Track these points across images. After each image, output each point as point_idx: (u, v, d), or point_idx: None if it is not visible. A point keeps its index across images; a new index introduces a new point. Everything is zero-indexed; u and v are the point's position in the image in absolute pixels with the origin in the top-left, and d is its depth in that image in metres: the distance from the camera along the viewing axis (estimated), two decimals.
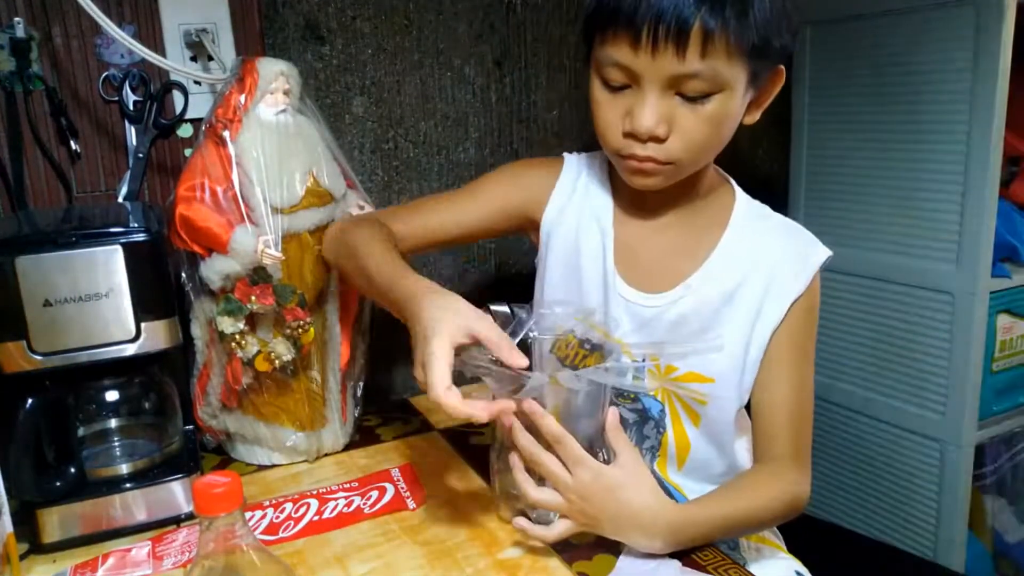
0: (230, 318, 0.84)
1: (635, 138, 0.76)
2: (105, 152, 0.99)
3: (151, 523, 0.79)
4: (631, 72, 0.74)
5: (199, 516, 0.48)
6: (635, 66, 0.73)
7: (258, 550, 0.50)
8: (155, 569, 0.72)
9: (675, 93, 0.74)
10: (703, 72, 0.72)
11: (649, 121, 0.74)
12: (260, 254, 0.82)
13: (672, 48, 0.70)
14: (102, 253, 0.74)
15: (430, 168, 1.20)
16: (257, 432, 0.91)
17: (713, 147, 0.79)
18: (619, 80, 0.75)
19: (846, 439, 1.47)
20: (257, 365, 0.85)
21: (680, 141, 0.75)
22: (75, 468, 0.77)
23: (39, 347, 0.73)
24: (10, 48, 0.91)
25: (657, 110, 0.74)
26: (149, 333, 0.77)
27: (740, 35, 0.71)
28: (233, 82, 0.85)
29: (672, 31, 0.70)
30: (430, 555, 0.74)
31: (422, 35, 1.15)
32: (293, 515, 0.81)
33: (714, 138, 0.77)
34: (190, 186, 0.84)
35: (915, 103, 1.27)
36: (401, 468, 0.90)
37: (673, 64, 0.71)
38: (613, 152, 0.79)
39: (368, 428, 1.02)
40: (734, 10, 0.70)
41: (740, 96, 0.75)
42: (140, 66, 0.97)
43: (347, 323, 0.95)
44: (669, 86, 0.73)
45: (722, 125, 0.76)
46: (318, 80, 1.10)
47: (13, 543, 0.68)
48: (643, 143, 0.76)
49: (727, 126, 0.77)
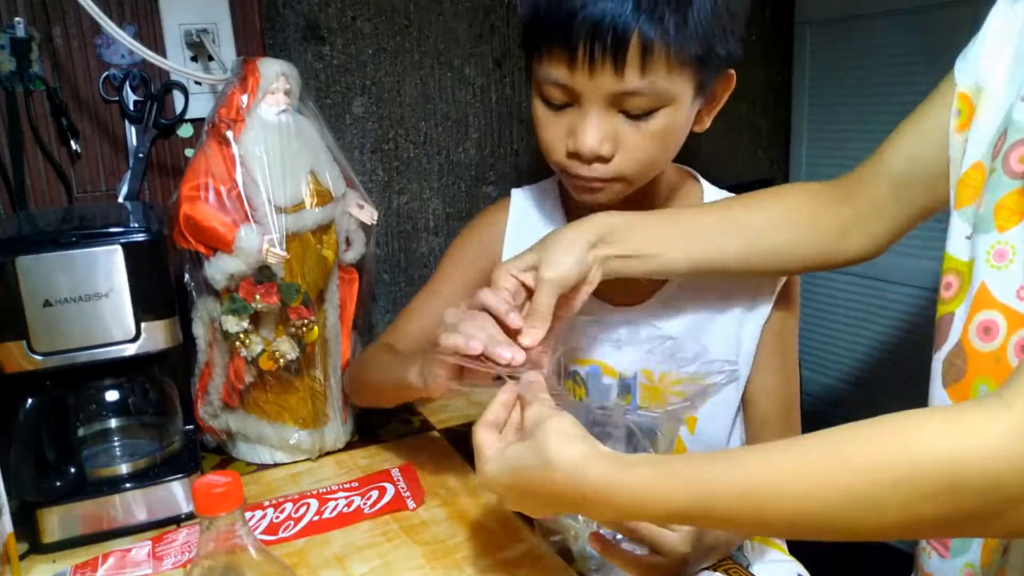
0: (234, 317, 0.84)
1: (579, 158, 0.73)
2: (105, 152, 0.99)
3: (151, 523, 0.79)
4: (571, 90, 0.71)
5: (199, 516, 0.48)
6: (574, 84, 0.70)
7: (258, 550, 0.50)
8: (155, 569, 0.72)
9: (618, 110, 0.71)
10: (644, 89, 0.69)
11: (592, 141, 0.71)
12: (265, 253, 0.82)
13: (610, 66, 0.68)
14: (102, 253, 0.74)
15: (430, 168, 1.20)
16: (260, 431, 0.91)
17: (661, 161, 0.77)
18: (559, 98, 0.73)
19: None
20: (261, 364, 0.86)
21: (625, 159, 0.73)
22: (75, 468, 0.77)
23: (39, 347, 0.73)
24: (10, 48, 0.91)
25: (600, 129, 0.71)
26: (149, 333, 0.77)
27: (681, 47, 0.68)
28: (235, 82, 0.85)
29: (609, 48, 0.67)
30: (430, 555, 0.74)
31: (422, 35, 1.15)
32: (293, 515, 0.81)
33: (661, 153, 0.75)
34: (194, 186, 0.84)
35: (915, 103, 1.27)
36: (401, 468, 0.90)
37: (612, 82, 0.69)
38: (558, 170, 0.78)
39: (368, 428, 1.02)
40: (673, 21, 0.67)
41: (687, 108, 0.73)
42: (140, 66, 0.98)
43: (347, 322, 0.95)
44: (611, 104, 0.71)
45: (669, 139, 0.74)
46: (318, 80, 1.10)
47: (13, 543, 0.68)
48: (588, 164, 0.73)
49: (675, 139, 0.75)
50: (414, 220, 1.21)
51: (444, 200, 1.22)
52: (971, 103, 0.63)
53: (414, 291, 1.20)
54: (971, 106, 0.63)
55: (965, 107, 0.64)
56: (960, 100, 0.64)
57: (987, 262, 0.57)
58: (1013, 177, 0.56)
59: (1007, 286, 0.55)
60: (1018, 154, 0.56)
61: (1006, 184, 0.56)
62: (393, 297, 1.22)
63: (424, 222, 1.22)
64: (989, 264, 0.57)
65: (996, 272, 0.56)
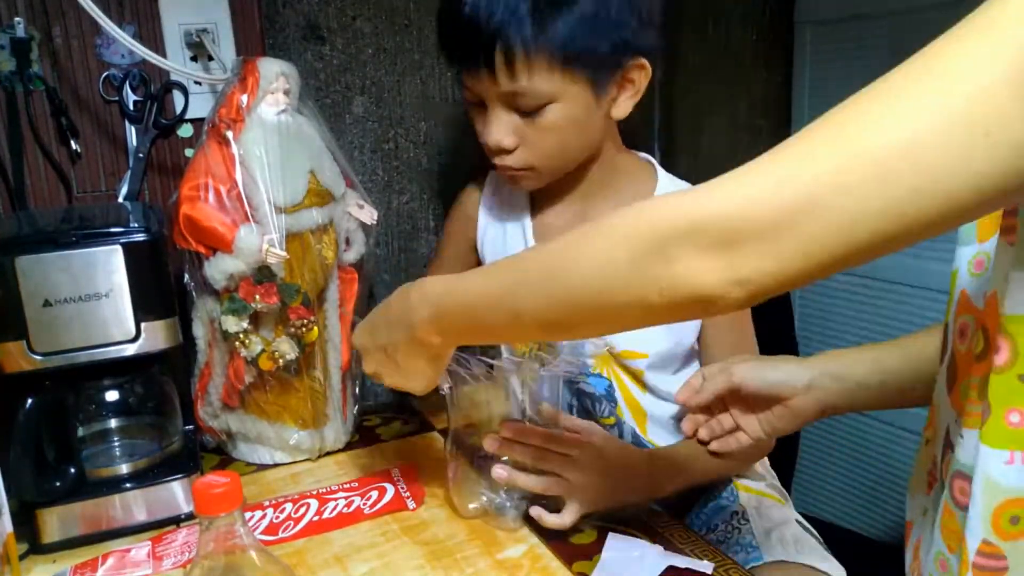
0: (234, 317, 0.84)
1: (491, 151, 0.83)
2: (105, 152, 0.99)
3: (151, 523, 0.79)
4: (474, 92, 0.81)
5: (199, 516, 0.48)
6: (475, 88, 0.80)
7: (258, 550, 0.50)
8: (155, 569, 0.72)
9: (513, 109, 0.79)
10: (523, 89, 0.76)
11: (493, 137, 0.80)
12: (264, 253, 0.82)
13: (485, 71, 0.76)
14: (102, 253, 0.74)
15: (430, 168, 1.20)
16: (260, 431, 0.91)
17: (569, 149, 0.83)
18: (472, 98, 0.82)
19: (845, 438, 1.47)
20: (261, 364, 0.86)
21: (528, 151, 0.81)
22: (75, 468, 0.77)
23: (39, 347, 0.73)
24: (10, 48, 0.91)
25: (501, 125, 0.80)
26: (149, 333, 0.77)
27: (547, 49, 0.74)
28: (235, 82, 0.85)
29: (482, 55, 0.75)
30: (430, 555, 0.74)
31: (422, 35, 1.15)
32: (293, 515, 0.81)
33: (564, 143, 0.82)
34: (194, 186, 0.84)
35: None
36: (401, 468, 0.90)
37: (493, 85, 0.77)
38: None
39: (368, 428, 1.02)
40: (533, 30, 0.73)
41: (582, 101, 0.79)
42: (140, 66, 0.97)
43: (347, 322, 0.95)
44: (506, 103, 0.79)
45: (568, 131, 0.80)
46: (318, 80, 1.10)
47: (13, 543, 0.68)
48: (498, 156, 0.82)
49: (575, 130, 0.81)
50: (414, 220, 1.21)
51: (444, 200, 1.22)
52: None
53: None
54: None
55: None
56: None
57: (968, 271, 0.59)
58: None
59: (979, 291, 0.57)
60: None
61: None
62: None
63: (424, 222, 1.22)
64: (970, 273, 0.59)
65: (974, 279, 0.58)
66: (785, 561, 0.83)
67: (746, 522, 0.87)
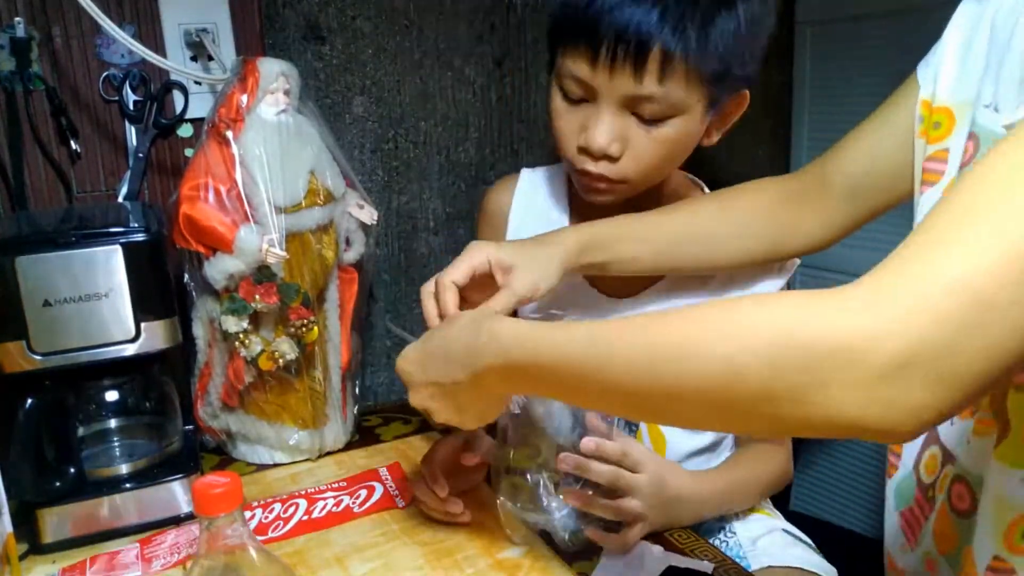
0: (234, 317, 0.84)
1: (588, 154, 0.76)
2: (105, 152, 0.99)
3: (151, 523, 0.79)
4: (588, 87, 0.74)
5: (199, 516, 0.48)
6: (592, 82, 0.73)
7: (258, 550, 0.50)
8: (144, 571, 0.72)
9: (631, 112, 0.74)
10: (659, 96, 0.71)
11: (602, 140, 0.74)
12: (264, 253, 0.82)
13: (629, 69, 0.70)
14: (102, 253, 0.74)
15: (430, 168, 1.20)
16: (260, 431, 0.91)
17: (666, 167, 0.80)
18: (577, 93, 0.75)
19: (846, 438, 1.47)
20: (261, 364, 0.85)
21: (632, 161, 0.76)
22: (75, 468, 0.77)
23: (39, 347, 0.73)
24: (10, 48, 0.91)
25: (611, 128, 0.74)
26: (149, 333, 0.77)
27: (700, 61, 0.70)
28: (235, 82, 0.85)
29: (631, 52, 0.69)
30: (430, 555, 0.74)
31: (422, 35, 1.15)
32: (282, 515, 0.81)
33: (667, 159, 0.78)
34: (193, 186, 0.84)
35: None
36: (389, 467, 0.90)
37: (629, 85, 0.71)
38: (568, 163, 0.80)
39: (368, 428, 1.02)
40: (696, 36, 0.69)
41: (698, 120, 0.76)
42: (140, 66, 0.97)
43: (347, 322, 0.95)
44: (625, 105, 0.73)
45: (676, 148, 0.77)
46: (318, 80, 1.10)
47: (13, 543, 0.68)
48: (595, 160, 0.76)
49: (681, 148, 0.78)
50: (414, 220, 1.21)
51: (444, 200, 1.22)
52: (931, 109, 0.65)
53: (414, 291, 1.20)
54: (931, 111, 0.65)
55: (927, 113, 0.66)
56: (922, 106, 0.66)
57: None
58: None
59: None
60: None
61: None
62: (393, 297, 1.21)
63: (424, 222, 1.21)
64: None
65: None
66: (773, 567, 0.82)
67: (732, 534, 0.87)
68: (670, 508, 0.75)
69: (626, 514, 0.71)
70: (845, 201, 0.75)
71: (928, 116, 0.65)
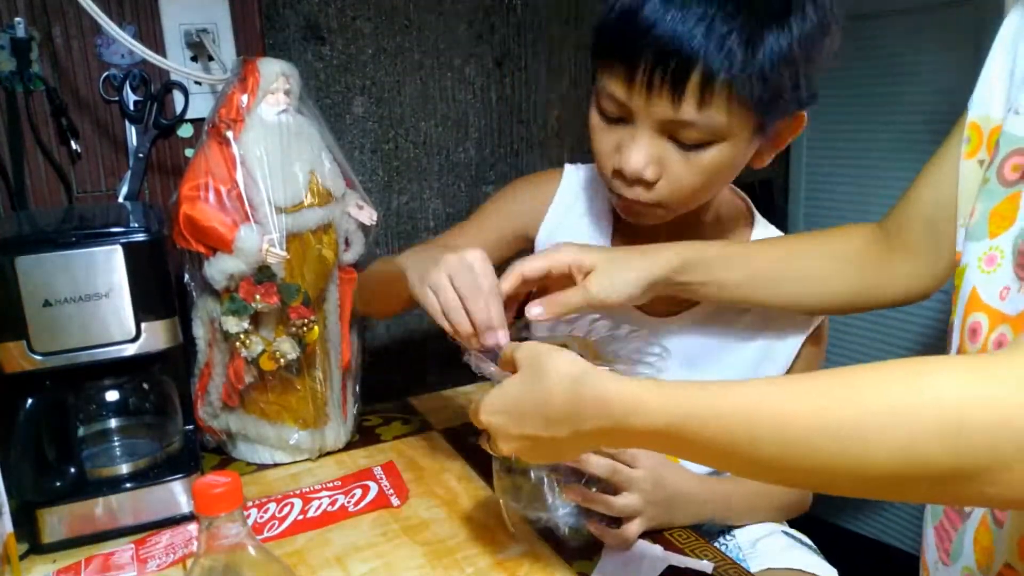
0: (235, 317, 0.84)
1: (622, 178, 0.73)
2: (105, 152, 0.99)
3: (151, 523, 0.79)
4: (625, 108, 0.70)
5: (199, 516, 0.48)
6: (629, 103, 0.69)
7: (258, 550, 0.50)
8: (139, 572, 0.72)
9: (669, 137, 0.70)
10: (700, 122, 0.67)
11: (637, 164, 0.70)
12: (264, 253, 0.82)
13: (668, 94, 0.66)
14: (102, 253, 0.74)
15: (430, 168, 1.20)
16: (260, 431, 0.91)
17: (705, 193, 0.76)
18: (614, 112, 0.72)
19: None
20: (262, 364, 0.86)
21: (668, 187, 0.72)
22: (75, 468, 0.77)
23: (39, 347, 0.73)
24: (10, 48, 0.91)
25: (647, 152, 0.70)
26: (149, 333, 0.77)
27: (744, 85, 0.65)
28: (235, 82, 0.85)
29: (670, 76, 0.65)
30: (430, 555, 0.74)
31: (422, 35, 1.15)
32: (277, 515, 0.81)
33: (707, 186, 0.73)
34: (194, 186, 0.84)
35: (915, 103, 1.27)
36: (384, 466, 0.90)
37: (668, 110, 0.67)
38: (605, 181, 0.77)
39: (368, 428, 1.02)
40: (740, 57, 0.64)
41: (743, 146, 0.71)
42: (140, 66, 0.98)
43: (347, 322, 0.95)
44: (663, 130, 0.69)
45: (717, 175, 0.73)
46: (318, 80, 1.10)
47: (13, 543, 0.68)
48: (629, 185, 0.73)
49: (723, 176, 0.74)
50: (414, 220, 1.21)
51: (444, 200, 1.22)
52: (980, 130, 0.64)
53: None
54: (980, 133, 0.64)
55: (974, 135, 0.64)
56: (970, 128, 0.65)
57: (978, 267, 0.58)
58: (1006, 185, 0.57)
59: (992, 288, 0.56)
60: (1012, 163, 0.57)
61: (999, 192, 0.58)
62: None
63: (424, 222, 1.22)
64: (980, 269, 0.58)
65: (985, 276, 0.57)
66: (772, 568, 0.82)
67: (732, 536, 0.87)
68: (669, 505, 0.75)
69: (623, 508, 0.72)
70: (926, 236, 0.70)
71: (974, 137, 0.64)
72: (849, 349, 1.48)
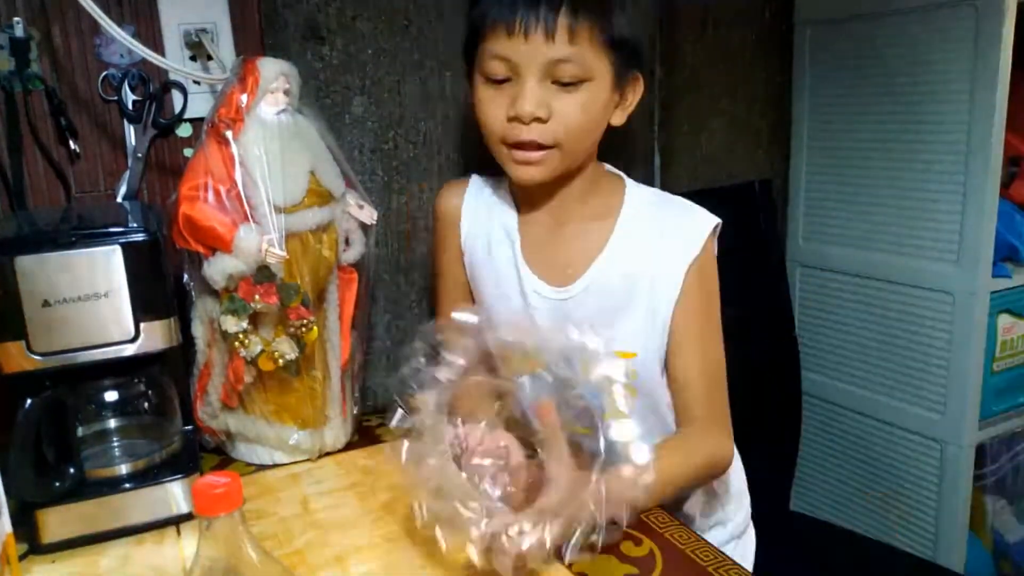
0: (234, 317, 0.84)
1: (519, 121, 0.83)
2: (104, 152, 0.99)
3: (150, 524, 0.79)
4: (510, 63, 0.83)
5: (199, 516, 0.48)
6: (513, 55, 0.82)
7: (258, 550, 0.50)
8: None
9: (551, 81, 0.82)
10: (572, 56, 0.81)
11: (531, 104, 0.82)
12: (264, 253, 0.82)
13: (542, 33, 0.80)
14: (101, 253, 0.74)
15: (430, 168, 1.20)
16: (259, 431, 0.91)
17: (587, 133, 0.87)
18: (501, 72, 0.84)
19: (846, 439, 1.47)
20: (261, 364, 0.85)
21: (559, 124, 0.83)
22: (75, 468, 0.77)
23: (38, 347, 0.73)
24: (10, 48, 0.91)
25: (537, 94, 0.82)
26: (148, 333, 0.77)
27: (603, 27, 0.81)
28: (235, 82, 0.85)
29: (543, 18, 0.80)
30: (430, 555, 0.74)
31: (422, 35, 1.15)
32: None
33: (587, 123, 0.86)
34: (193, 185, 0.84)
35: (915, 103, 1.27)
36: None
37: (544, 49, 0.81)
38: (499, 142, 0.87)
39: (368, 428, 1.02)
40: (597, 4, 0.81)
41: (607, 90, 0.85)
42: (139, 66, 0.97)
43: (347, 322, 0.95)
44: (545, 74, 0.82)
45: (593, 112, 0.85)
46: (318, 80, 1.10)
47: (13, 543, 0.68)
48: (527, 125, 0.83)
49: (597, 114, 0.86)
50: (414, 220, 1.21)
51: None
52: None
53: (414, 291, 1.20)
54: None
55: None
56: None
57: None
58: None
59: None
60: None
61: None
62: (393, 297, 1.21)
63: (424, 222, 1.21)
64: None
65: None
66: None
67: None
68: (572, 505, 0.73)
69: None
70: None
71: None
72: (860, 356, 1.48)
